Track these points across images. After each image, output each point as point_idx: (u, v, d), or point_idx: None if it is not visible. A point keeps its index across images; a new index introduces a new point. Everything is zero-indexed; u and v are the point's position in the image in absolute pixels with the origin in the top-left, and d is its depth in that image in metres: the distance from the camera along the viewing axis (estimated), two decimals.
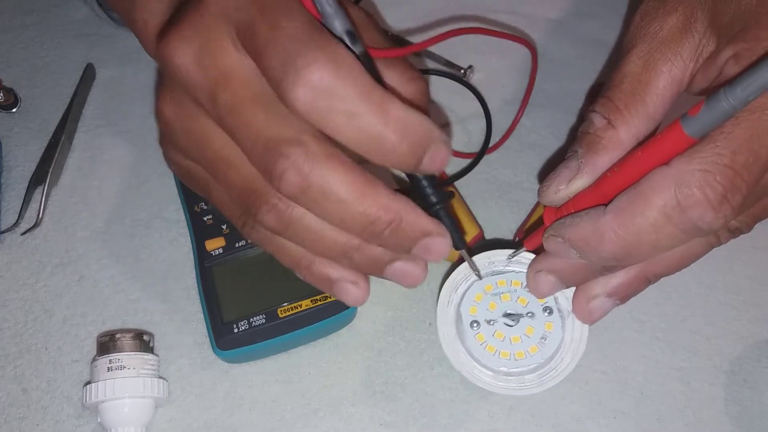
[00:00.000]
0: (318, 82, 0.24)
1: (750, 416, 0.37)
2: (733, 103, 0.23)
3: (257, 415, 0.38)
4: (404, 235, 0.28)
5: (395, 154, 0.26)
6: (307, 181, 0.26)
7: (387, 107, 0.25)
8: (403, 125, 0.25)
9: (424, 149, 0.26)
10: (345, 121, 0.25)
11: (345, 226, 0.28)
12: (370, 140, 0.25)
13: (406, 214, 0.27)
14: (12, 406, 0.38)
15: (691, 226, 0.25)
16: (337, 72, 0.24)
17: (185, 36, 0.26)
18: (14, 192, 0.46)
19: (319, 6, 0.25)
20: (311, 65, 0.24)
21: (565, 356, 0.33)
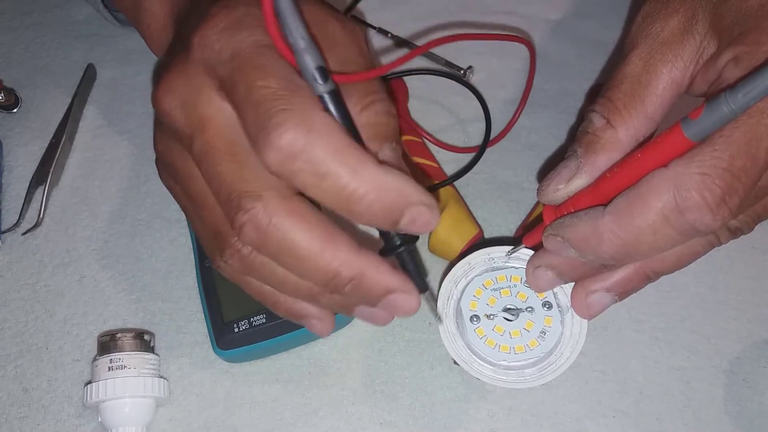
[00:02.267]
0: (288, 146, 0.24)
1: (749, 416, 0.37)
2: (733, 107, 0.23)
3: (258, 415, 0.38)
4: (367, 292, 0.28)
5: (368, 216, 0.26)
6: (264, 236, 0.27)
7: (359, 170, 0.25)
8: (376, 188, 0.25)
9: (400, 212, 0.26)
10: (315, 182, 0.25)
11: (306, 278, 0.28)
12: (341, 202, 0.26)
13: (368, 270, 0.28)
14: (13, 405, 0.38)
15: (688, 228, 0.25)
16: (307, 135, 0.24)
17: (173, 84, 0.28)
18: (15, 192, 0.46)
19: (291, 41, 0.25)
20: (281, 129, 0.24)
21: (564, 350, 0.33)
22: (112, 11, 0.52)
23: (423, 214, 0.26)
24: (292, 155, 0.25)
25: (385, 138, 0.28)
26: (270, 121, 0.25)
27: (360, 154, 0.25)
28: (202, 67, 0.27)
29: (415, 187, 0.26)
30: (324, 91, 0.26)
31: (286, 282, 0.29)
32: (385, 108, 0.29)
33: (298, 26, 0.25)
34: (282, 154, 0.25)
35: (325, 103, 0.26)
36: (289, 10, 0.24)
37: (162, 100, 0.28)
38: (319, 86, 0.26)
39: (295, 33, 0.25)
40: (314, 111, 0.25)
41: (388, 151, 0.28)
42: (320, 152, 0.25)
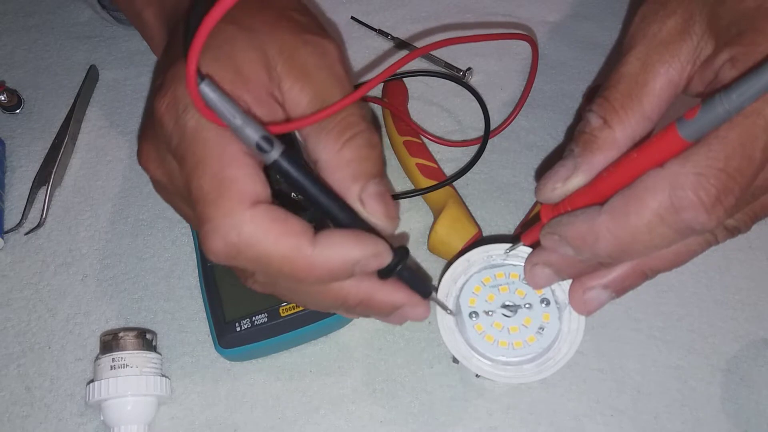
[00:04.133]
0: (222, 252, 0.26)
1: (746, 414, 0.38)
2: (728, 108, 0.23)
3: (259, 413, 0.38)
4: (377, 311, 0.30)
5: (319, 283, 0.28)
6: (273, 286, 0.29)
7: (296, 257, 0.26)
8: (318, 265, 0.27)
9: (349, 272, 0.28)
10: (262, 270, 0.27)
11: (321, 304, 0.30)
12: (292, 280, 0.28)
13: (373, 293, 0.29)
14: (15, 404, 0.39)
15: (684, 227, 0.26)
16: (238, 237, 0.26)
17: (151, 156, 0.30)
18: (18, 192, 0.46)
19: (226, 122, 0.26)
20: (211, 240, 0.26)
21: (562, 346, 0.33)
22: (110, 11, 0.52)
23: (371, 264, 0.28)
24: (229, 257, 0.26)
25: (368, 175, 0.29)
26: (202, 228, 0.26)
27: (294, 240, 0.26)
28: (164, 143, 0.28)
29: (358, 244, 0.27)
30: (274, 157, 0.26)
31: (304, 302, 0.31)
32: (365, 141, 0.29)
33: (228, 109, 0.25)
34: (219, 258, 0.27)
35: (278, 166, 0.27)
36: (214, 97, 0.25)
37: (145, 164, 0.30)
38: (267, 156, 0.26)
39: (226, 116, 0.25)
40: (241, 212, 0.26)
41: (372, 188, 0.29)
42: (254, 252, 0.26)
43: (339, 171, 0.29)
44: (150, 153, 0.29)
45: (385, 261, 0.28)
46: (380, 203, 0.29)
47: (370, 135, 0.29)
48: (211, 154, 0.26)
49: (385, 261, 0.28)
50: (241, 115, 0.25)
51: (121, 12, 0.51)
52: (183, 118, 0.27)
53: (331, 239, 0.27)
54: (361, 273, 0.28)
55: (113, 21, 0.53)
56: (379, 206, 0.29)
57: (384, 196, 0.29)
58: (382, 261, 0.28)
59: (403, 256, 0.29)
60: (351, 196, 0.28)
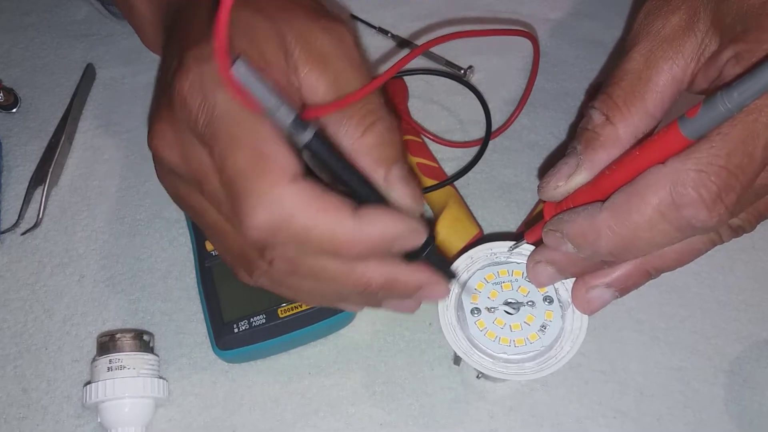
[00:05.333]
0: (263, 227, 0.26)
1: (750, 416, 0.37)
2: (729, 106, 0.23)
3: (257, 415, 0.38)
4: (400, 292, 0.30)
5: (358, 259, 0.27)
6: (294, 265, 0.28)
7: (338, 230, 0.26)
8: (359, 240, 0.26)
9: (387, 249, 0.27)
10: (300, 248, 0.27)
11: (340, 291, 0.30)
12: (329, 256, 0.27)
13: (398, 274, 0.29)
14: (12, 405, 0.38)
15: (685, 225, 0.26)
16: (280, 211, 0.25)
17: (166, 135, 0.28)
18: (14, 192, 0.46)
19: (261, 102, 0.25)
20: (252, 214, 0.25)
21: (564, 345, 0.33)
22: (106, 5, 0.52)
23: (409, 241, 0.28)
24: (270, 233, 0.26)
25: (391, 160, 0.29)
26: (242, 204, 0.25)
27: (336, 214, 0.26)
28: (185, 124, 0.27)
29: (397, 218, 0.27)
30: (307, 139, 0.26)
31: (315, 293, 0.30)
32: (387, 126, 0.29)
33: (261, 90, 0.25)
34: (260, 234, 0.26)
35: (310, 150, 0.26)
36: (249, 78, 0.24)
37: (160, 149, 0.29)
38: (300, 137, 0.26)
39: (261, 97, 0.25)
40: (282, 186, 0.25)
41: (396, 171, 0.29)
42: (296, 225, 0.26)
43: (363, 156, 0.29)
44: (165, 134, 0.28)
45: (422, 237, 0.28)
46: (406, 185, 0.29)
47: (390, 120, 0.29)
48: (245, 131, 0.26)
49: (422, 237, 0.28)
50: (275, 95, 0.25)
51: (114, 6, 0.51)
52: (211, 97, 0.26)
53: (372, 214, 0.27)
54: (398, 250, 0.28)
55: (111, 17, 0.52)
56: (404, 188, 0.29)
57: (408, 179, 0.29)
58: (420, 237, 0.28)
59: (429, 240, 0.30)
60: (377, 180, 0.29)
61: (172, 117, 0.28)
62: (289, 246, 0.27)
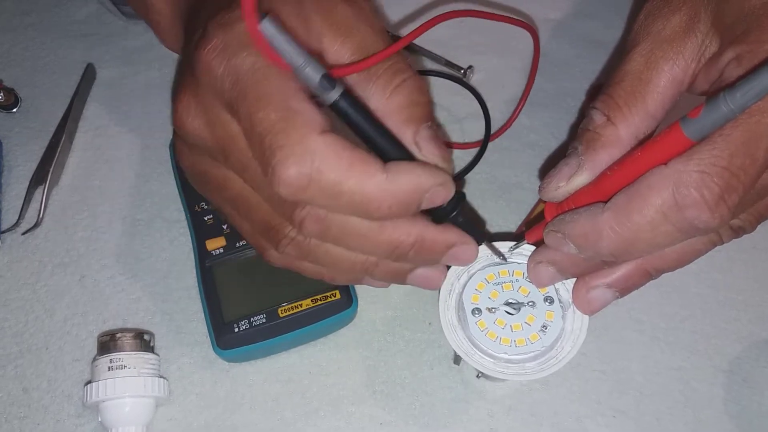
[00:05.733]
0: (295, 180, 0.25)
1: (749, 416, 0.37)
2: (732, 107, 0.23)
3: (258, 415, 0.38)
4: (430, 252, 0.30)
5: (389, 217, 0.27)
6: (325, 226, 0.28)
7: (368, 183, 0.26)
8: (389, 194, 0.26)
9: (417, 203, 0.27)
10: (331, 203, 0.26)
11: (370, 253, 0.29)
12: (360, 213, 0.27)
13: (427, 233, 0.29)
14: (13, 405, 0.38)
15: (687, 226, 0.26)
16: (311, 166, 0.25)
17: (190, 105, 0.28)
18: (15, 192, 0.46)
19: (287, 60, 0.25)
20: (284, 166, 0.25)
21: (565, 345, 0.33)
22: (119, 5, 0.52)
23: (439, 194, 0.28)
24: (301, 187, 0.25)
25: (420, 119, 0.29)
26: (273, 158, 0.25)
27: (366, 167, 0.26)
28: (210, 90, 0.27)
29: (426, 171, 0.27)
30: (335, 97, 0.26)
31: (342, 261, 0.30)
32: (416, 86, 0.29)
33: (290, 47, 0.25)
34: (291, 188, 0.25)
35: (338, 108, 0.27)
36: (276, 36, 0.24)
37: (184, 121, 0.29)
38: (328, 95, 0.26)
39: (289, 54, 0.25)
40: (313, 139, 0.25)
41: (425, 131, 0.29)
42: (327, 178, 0.25)
43: (391, 116, 0.29)
44: (189, 104, 0.28)
45: (451, 192, 0.28)
46: (435, 145, 0.29)
47: (418, 80, 0.29)
48: (273, 88, 0.26)
49: (451, 192, 0.28)
50: (303, 53, 0.25)
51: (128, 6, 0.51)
52: (236, 59, 0.26)
53: (400, 167, 0.27)
54: (428, 205, 0.28)
55: (120, 15, 0.52)
56: (434, 148, 0.29)
57: (437, 139, 0.29)
58: (449, 192, 0.28)
59: (459, 200, 0.30)
60: (406, 139, 0.29)
61: (195, 86, 0.28)
62: (320, 201, 0.26)
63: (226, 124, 0.27)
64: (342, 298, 0.38)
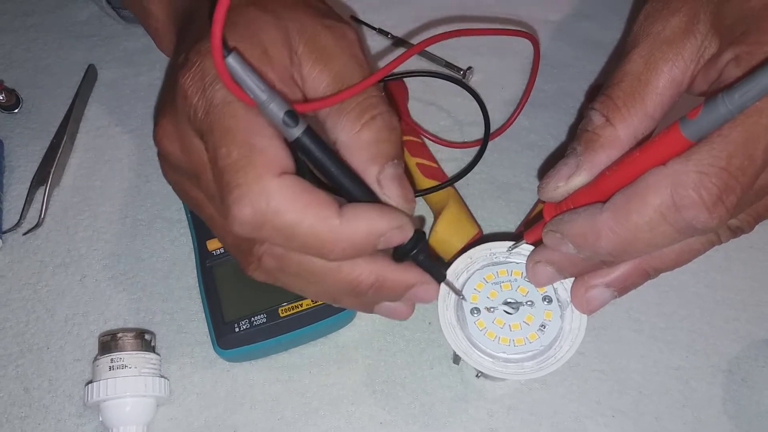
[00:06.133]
0: (249, 220, 0.26)
1: (748, 415, 0.37)
2: (730, 108, 0.23)
3: (258, 414, 0.38)
4: (389, 291, 0.30)
5: (343, 257, 0.27)
6: (283, 262, 0.28)
7: (322, 227, 0.26)
8: (343, 237, 0.27)
9: (373, 244, 0.27)
10: (286, 243, 0.27)
11: (329, 291, 0.30)
12: (315, 253, 0.27)
13: (386, 273, 0.29)
14: (14, 405, 0.39)
15: (685, 226, 0.26)
16: (266, 208, 0.25)
17: (167, 129, 0.29)
18: (16, 192, 0.46)
19: (251, 95, 0.26)
20: (239, 206, 0.25)
21: (563, 345, 0.33)
22: (116, 8, 0.52)
23: (395, 237, 0.28)
24: (256, 227, 0.26)
25: (386, 157, 0.29)
26: (230, 196, 0.26)
27: (321, 210, 0.26)
28: (185, 116, 0.28)
29: (382, 214, 0.27)
30: (297, 134, 0.27)
31: (308, 291, 0.31)
32: (385, 123, 0.29)
33: (254, 83, 0.25)
34: (246, 227, 0.26)
35: (300, 145, 0.27)
36: (241, 71, 0.25)
37: (161, 142, 0.29)
38: (291, 131, 0.26)
39: (253, 90, 0.25)
40: (270, 179, 0.26)
41: (390, 170, 0.29)
42: (281, 220, 0.26)
43: (357, 152, 0.29)
44: (167, 128, 0.29)
45: (408, 234, 0.28)
46: (398, 185, 0.29)
47: (389, 117, 0.29)
48: (239, 124, 0.26)
49: (408, 234, 0.28)
50: (267, 89, 0.26)
51: (126, 9, 0.51)
52: (210, 90, 0.26)
53: (356, 210, 0.27)
54: (384, 246, 0.28)
55: (119, 19, 0.52)
56: (396, 188, 0.29)
57: (401, 179, 0.29)
58: (405, 234, 0.28)
59: (419, 239, 0.30)
60: (369, 177, 0.29)
61: (174, 111, 0.28)
62: (275, 241, 0.27)
63: (198, 151, 0.28)
64: None
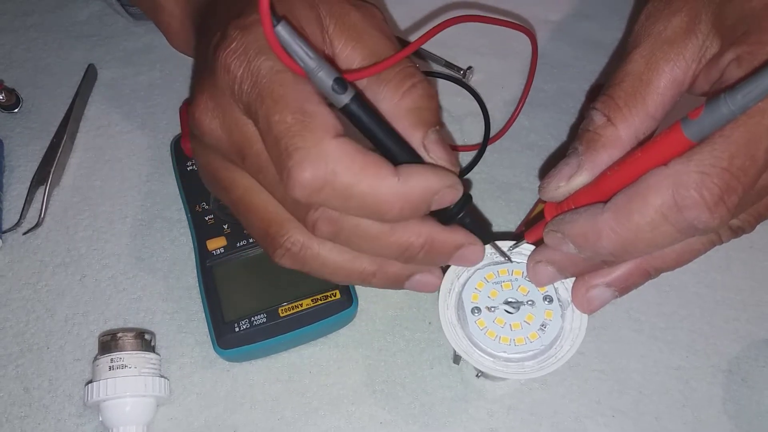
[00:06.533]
0: (309, 183, 0.26)
1: (748, 415, 0.37)
2: (732, 108, 0.23)
3: (258, 414, 0.38)
4: (439, 253, 0.30)
5: (399, 218, 0.28)
6: (337, 226, 0.28)
7: (381, 186, 0.26)
8: (401, 197, 0.27)
9: (428, 204, 0.28)
10: (343, 205, 0.27)
11: (380, 254, 0.30)
12: (371, 215, 0.27)
13: (436, 234, 0.29)
14: (14, 405, 0.38)
15: (687, 226, 0.26)
16: (325, 169, 0.26)
17: (208, 106, 0.29)
18: (16, 192, 0.46)
19: (301, 64, 0.26)
20: (300, 168, 0.26)
21: (564, 344, 0.33)
22: (126, 6, 0.52)
23: (447, 196, 0.28)
24: (315, 190, 0.26)
25: (428, 123, 0.29)
26: (290, 161, 0.26)
27: (379, 171, 0.26)
28: (228, 92, 0.28)
29: (436, 174, 0.28)
30: (346, 101, 0.27)
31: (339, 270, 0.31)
32: (425, 91, 0.30)
33: (303, 50, 0.26)
34: (306, 191, 0.26)
35: (349, 111, 0.27)
36: (290, 39, 0.25)
37: (202, 122, 0.29)
38: (340, 98, 0.27)
39: (302, 59, 0.26)
40: (328, 142, 0.26)
41: (432, 135, 0.29)
42: (340, 181, 0.26)
43: (400, 120, 0.29)
44: (208, 104, 0.29)
45: (459, 193, 0.29)
46: (443, 149, 0.30)
47: (427, 85, 0.30)
48: (289, 92, 0.26)
49: (459, 193, 0.29)
50: (316, 57, 0.26)
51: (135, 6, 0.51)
52: (255, 62, 0.27)
53: (412, 170, 0.27)
54: (436, 206, 0.28)
55: (126, 15, 0.52)
56: (442, 152, 0.29)
57: (445, 144, 0.30)
58: (457, 193, 0.29)
59: (466, 201, 0.30)
60: (414, 143, 0.29)
61: (213, 88, 0.28)
62: (333, 203, 0.27)
63: (243, 125, 0.28)
64: (342, 297, 0.38)
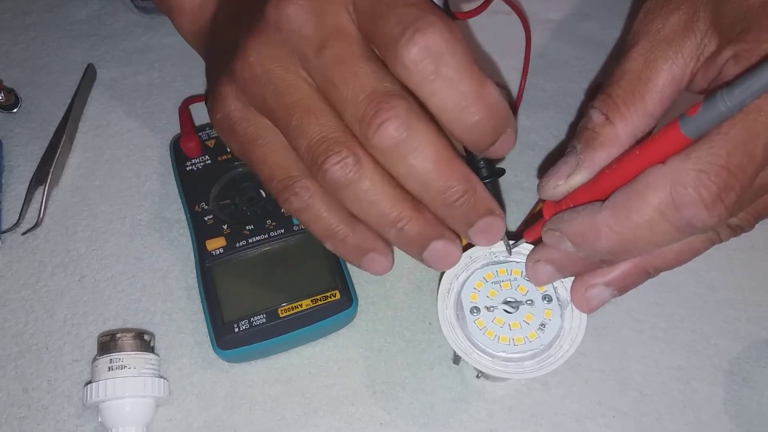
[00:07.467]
0: (432, 44, 0.26)
1: (749, 415, 0.37)
2: (730, 105, 0.23)
3: (258, 415, 0.38)
4: (473, 208, 0.30)
5: (477, 130, 0.28)
6: (405, 134, 0.27)
7: (484, 84, 0.27)
8: (493, 105, 0.27)
9: (502, 132, 0.28)
10: (444, 87, 0.27)
11: (423, 188, 0.29)
12: (461, 111, 0.27)
13: (479, 188, 0.30)
14: (13, 405, 0.38)
15: (685, 224, 0.26)
16: (451, 39, 0.26)
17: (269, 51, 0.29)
18: (15, 192, 0.46)
19: None
20: (429, 27, 0.26)
21: (563, 344, 0.33)
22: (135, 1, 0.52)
23: (512, 137, 0.29)
24: (434, 55, 0.26)
25: None
26: (419, 22, 0.26)
27: (482, 71, 0.27)
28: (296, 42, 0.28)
29: (510, 112, 0.28)
30: None
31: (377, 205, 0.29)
32: None
33: None
34: (425, 53, 0.26)
35: None
36: None
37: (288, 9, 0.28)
38: None
39: None
40: (454, 23, 0.26)
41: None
42: (456, 59, 0.26)
43: None
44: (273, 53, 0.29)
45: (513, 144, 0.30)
46: None
47: None
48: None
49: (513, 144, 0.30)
50: None
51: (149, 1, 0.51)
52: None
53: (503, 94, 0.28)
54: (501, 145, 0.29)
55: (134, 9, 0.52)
56: None
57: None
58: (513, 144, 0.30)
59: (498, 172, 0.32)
60: None
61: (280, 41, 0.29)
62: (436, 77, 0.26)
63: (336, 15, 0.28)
64: (342, 298, 0.38)
